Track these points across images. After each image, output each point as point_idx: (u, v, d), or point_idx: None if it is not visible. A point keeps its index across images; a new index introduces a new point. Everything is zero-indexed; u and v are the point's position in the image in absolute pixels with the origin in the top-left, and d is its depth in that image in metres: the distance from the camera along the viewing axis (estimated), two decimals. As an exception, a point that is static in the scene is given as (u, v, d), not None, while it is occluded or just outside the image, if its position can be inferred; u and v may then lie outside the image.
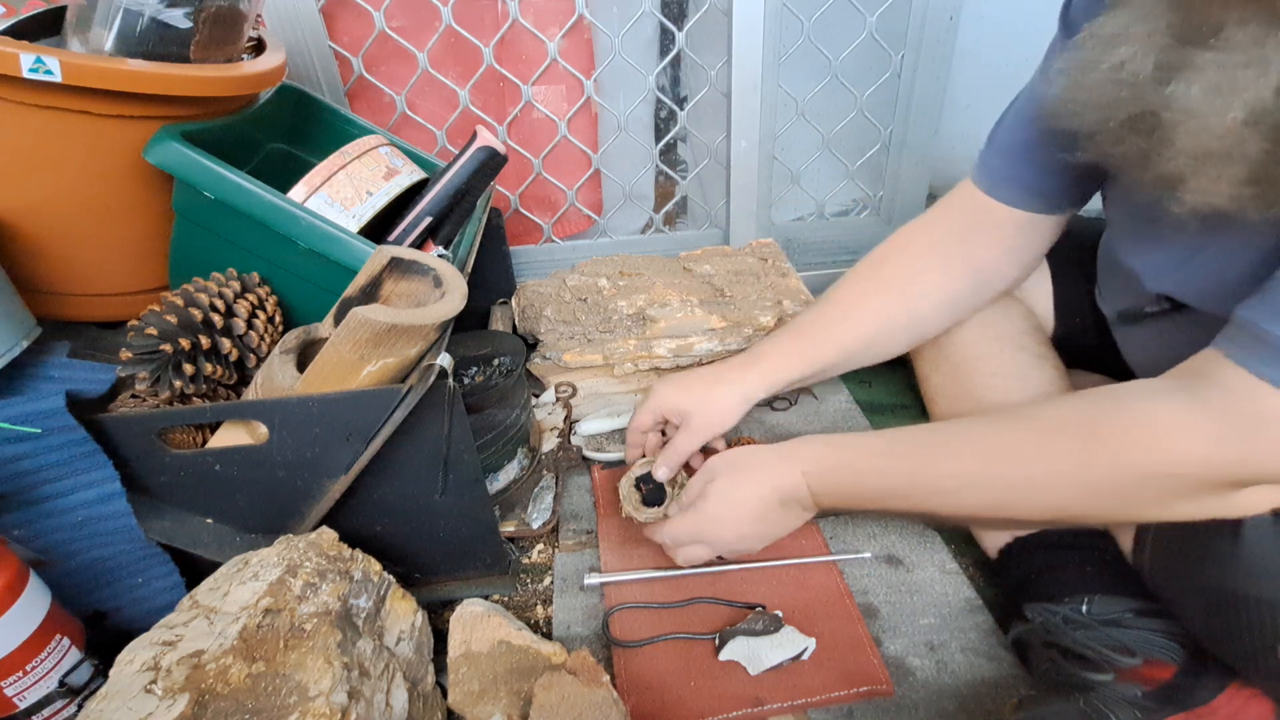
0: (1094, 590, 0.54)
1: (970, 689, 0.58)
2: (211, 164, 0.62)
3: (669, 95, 1.27)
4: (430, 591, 0.68)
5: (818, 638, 0.61)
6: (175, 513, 0.59)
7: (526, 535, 0.74)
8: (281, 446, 0.56)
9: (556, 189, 1.14)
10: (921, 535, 0.72)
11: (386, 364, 0.55)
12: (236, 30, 0.69)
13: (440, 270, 0.59)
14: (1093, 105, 0.43)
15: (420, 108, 1.05)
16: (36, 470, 0.53)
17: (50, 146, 0.61)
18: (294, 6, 0.92)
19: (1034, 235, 0.64)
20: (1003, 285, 0.68)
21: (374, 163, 0.71)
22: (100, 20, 0.61)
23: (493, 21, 1.01)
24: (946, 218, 0.67)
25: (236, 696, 0.42)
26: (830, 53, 1.05)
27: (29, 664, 0.50)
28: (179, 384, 0.57)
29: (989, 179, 0.63)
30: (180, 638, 0.46)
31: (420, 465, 0.59)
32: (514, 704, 0.53)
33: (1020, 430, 0.48)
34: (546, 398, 0.92)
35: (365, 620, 0.52)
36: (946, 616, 0.64)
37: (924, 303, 0.67)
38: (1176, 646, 0.50)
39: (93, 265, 0.69)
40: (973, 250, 0.65)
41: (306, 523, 0.59)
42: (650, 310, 0.92)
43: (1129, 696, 0.49)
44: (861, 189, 1.21)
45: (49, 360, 0.56)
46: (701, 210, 1.21)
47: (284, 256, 0.66)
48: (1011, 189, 0.62)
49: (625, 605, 0.66)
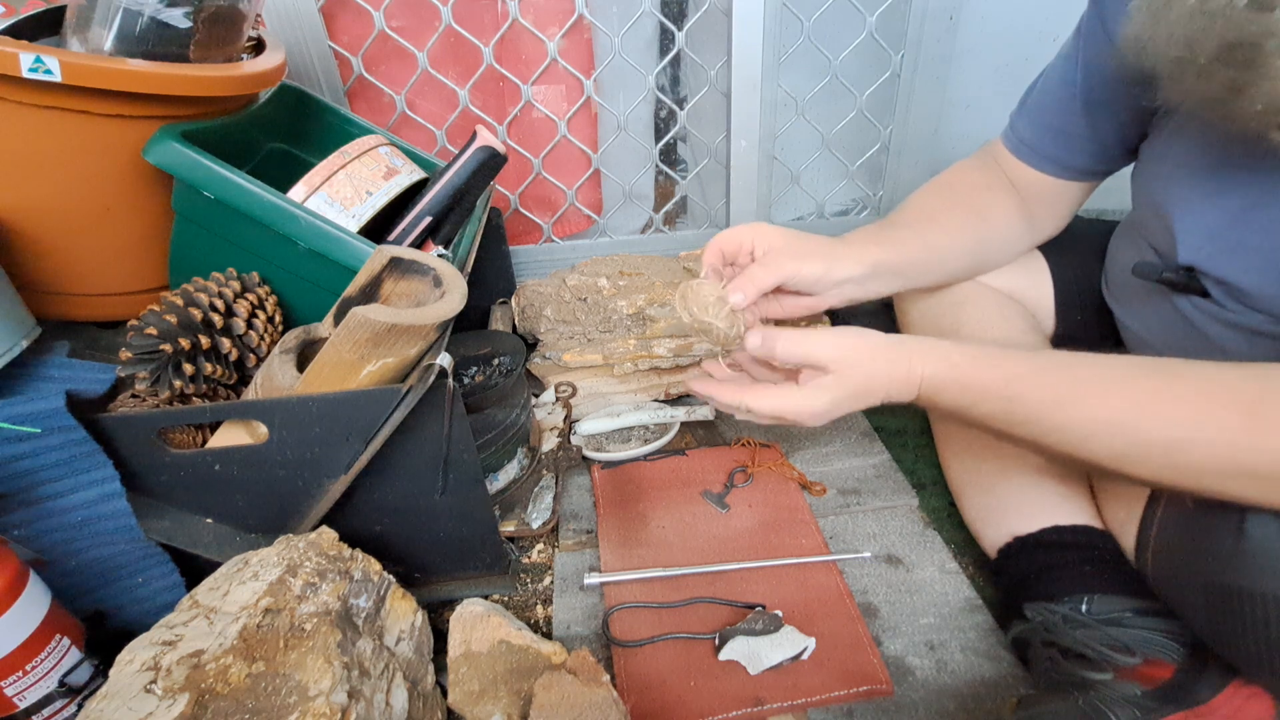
0: (1094, 589, 0.54)
1: (970, 688, 0.58)
2: (211, 164, 0.62)
3: (669, 95, 1.27)
4: (430, 591, 0.68)
5: (817, 637, 0.61)
6: (175, 513, 0.59)
7: (526, 535, 0.74)
8: (281, 446, 0.56)
9: (556, 189, 1.14)
10: (921, 535, 0.73)
11: (386, 364, 0.55)
12: (236, 30, 0.69)
13: (440, 270, 0.59)
14: (1178, 40, 0.41)
15: (420, 107, 1.05)
16: (36, 470, 0.53)
17: (50, 146, 0.61)
18: (294, 6, 0.92)
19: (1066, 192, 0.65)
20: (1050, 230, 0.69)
21: (374, 162, 0.71)
22: (100, 20, 0.61)
23: (492, 21, 1.01)
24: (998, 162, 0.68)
25: (236, 696, 0.42)
26: (830, 53, 1.05)
27: (29, 664, 0.50)
28: (179, 384, 0.57)
29: (1016, 142, 0.65)
30: (180, 638, 0.46)
31: (420, 465, 0.59)
32: (514, 704, 0.53)
33: (1177, 389, 0.44)
34: (546, 398, 0.92)
35: (365, 620, 0.52)
36: (946, 616, 0.64)
37: (993, 227, 0.67)
38: (1176, 645, 0.50)
39: (93, 265, 0.69)
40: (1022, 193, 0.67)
41: (306, 522, 0.59)
42: (650, 310, 0.92)
43: (1129, 695, 0.49)
44: (861, 189, 1.21)
45: (49, 360, 0.56)
46: (701, 210, 1.21)
47: (284, 256, 0.66)
48: (1036, 156, 0.63)
49: (625, 605, 0.66)
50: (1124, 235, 0.66)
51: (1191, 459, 0.43)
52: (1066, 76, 0.59)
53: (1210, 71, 0.40)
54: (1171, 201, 0.53)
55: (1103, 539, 0.58)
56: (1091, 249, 0.70)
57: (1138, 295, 0.61)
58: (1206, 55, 0.39)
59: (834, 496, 0.78)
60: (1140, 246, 0.60)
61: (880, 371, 0.53)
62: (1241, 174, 0.47)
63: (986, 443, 0.67)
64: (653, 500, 0.78)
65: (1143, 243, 0.59)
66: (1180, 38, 0.40)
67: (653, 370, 0.91)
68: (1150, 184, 0.57)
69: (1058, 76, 0.60)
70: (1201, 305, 0.53)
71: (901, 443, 0.86)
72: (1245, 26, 0.37)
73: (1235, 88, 0.39)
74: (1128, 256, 0.62)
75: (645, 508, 0.77)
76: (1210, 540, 0.46)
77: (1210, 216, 0.50)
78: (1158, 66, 0.43)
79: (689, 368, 0.92)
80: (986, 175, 0.67)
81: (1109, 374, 0.47)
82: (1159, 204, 0.55)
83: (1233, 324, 0.51)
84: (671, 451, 0.86)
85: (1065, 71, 0.59)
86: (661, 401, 0.94)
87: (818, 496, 0.78)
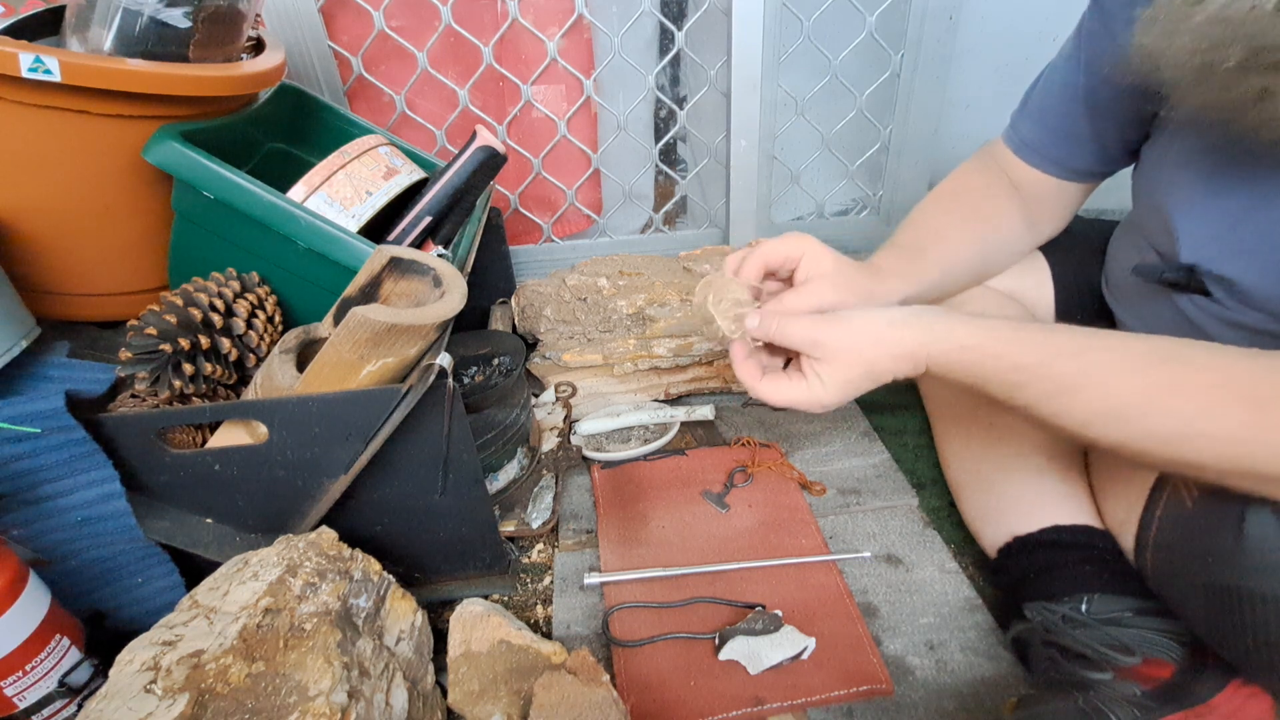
0: (1093, 589, 0.54)
1: (970, 688, 0.58)
2: (211, 164, 0.62)
3: (668, 95, 1.27)
4: (430, 591, 0.68)
5: (817, 637, 0.61)
6: (175, 513, 0.59)
7: (526, 535, 0.74)
8: (281, 446, 0.56)
9: (556, 189, 1.14)
10: (921, 535, 0.73)
11: (386, 364, 0.55)
12: (235, 30, 0.69)
13: (440, 270, 0.59)
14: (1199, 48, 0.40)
15: (420, 107, 1.05)
16: (36, 470, 0.53)
17: (50, 146, 0.61)
18: (294, 6, 0.92)
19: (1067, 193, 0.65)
20: (1050, 230, 0.69)
21: (373, 162, 0.71)
22: (99, 20, 0.61)
23: (492, 21, 1.01)
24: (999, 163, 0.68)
25: (236, 696, 0.42)
26: (830, 52, 1.05)
27: (29, 664, 0.50)
28: (179, 384, 0.57)
29: (1018, 142, 0.65)
30: (180, 637, 0.46)
31: (420, 465, 0.59)
32: (514, 704, 0.53)
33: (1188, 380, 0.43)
34: (546, 397, 0.92)
35: (365, 620, 0.52)
36: (946, 616, 0.64)
37: (999, 232, 0.67)
38: (1176, 645, 0.50)
39: (92, 265, 0.69)
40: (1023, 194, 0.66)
41: (306, 522, 0.59)
42: (650, 310, 0.92)
43: (1128, 695, 0.49)
44: (861, 188, 1.21)
45: (49, 360, 0.56)
46: (701, 210, 1.21)
47: (283, 256, 0.66)
48: (1038, 156, 0.63)
49: (625, 605, 0.66)
50: (1124, 235, 0.66)
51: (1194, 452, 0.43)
52: (1068, 78, 0.59)
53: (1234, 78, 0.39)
54: (1173, 201, 0.53)
55: (1102, 538, 0.58)
56: (1091, 249, 0.70)
57: (1138, 295, 0.61)
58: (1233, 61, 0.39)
59: (834, 496, 0.78)
60: (1141, 246, 0.60)
61: (885, 354, 0.52)
62: (1243, 174, 0.47)
63: (986, 442, 0.67)
64: (653, 500, 0.78)
65: (1143, 242, 0.59)
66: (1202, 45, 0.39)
67: (653, 370, 0.91)
68: (1151, 184, 0.57)
69: (1059, 78, 0.60)
70: (1202, 304, 0.53)
71: (901, 442, 0.86)
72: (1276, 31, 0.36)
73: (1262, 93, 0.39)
74: (1128, 256, 0.62)
75: (645, 508, 0.77)
76: (1209, 540, 0.46)
77: (1212, 216, 0.50)
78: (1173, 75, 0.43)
79: (689, 368, 0.92)
80: (988, 179, 0.67)
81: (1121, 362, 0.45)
82: (1160, 204, 0.55)
83: (1234, 323, 0.51)
84: (671, 451, 0.86)
85: (1067, 73, 0.59)
86: (661, 401, 0.94)
87: (818, 496, 0.78)
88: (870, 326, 0.52)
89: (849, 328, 0.52)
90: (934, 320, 0.51)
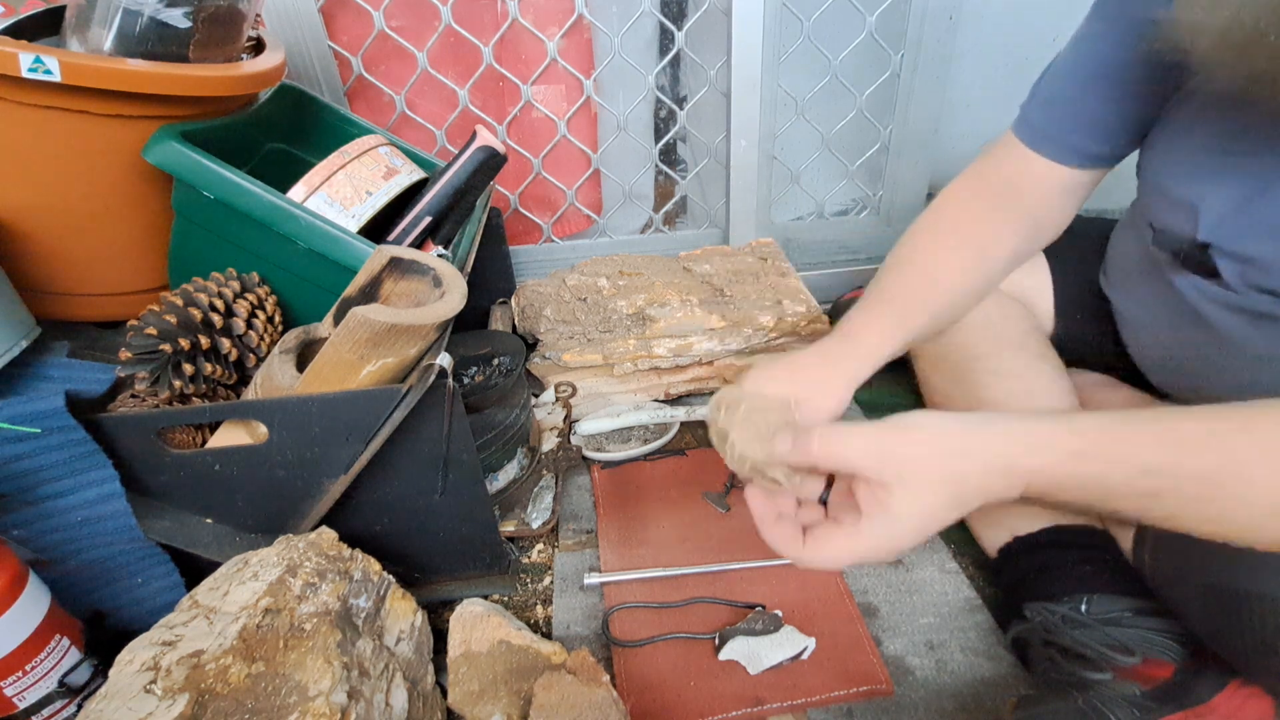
0: (1093, 589, 0.54)
1: (970, 688, 0.58)
2: (211, 164, 0.62)
3: (668, 95, 1.27)
4: (430, 591, 0.68)
5: (817, 637, 0.61)
6: (175, 513, 0.59)
7: (526, 535, 0.74)
8: (281, 446, 0.56)
9: (556, 189, 1.14)
10: (921, 535, 0.73)
11: (386, 364, 0.55)
12: (235, 30, 0.69)
13: (440, 270, 0.59)
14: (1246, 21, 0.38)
15: (420, 107, 1.05)
16: (36, 470, 0.53)
17: (50, 146, 0.61)
18: (294, 6, 0.92)
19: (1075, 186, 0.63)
20: (1052, 234, 0.67)
21: (373, 162, 0.71)
22: (99, 20, 0.61)
23: (492, 21, 1.01)
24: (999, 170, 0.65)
25: (236, 696, 0.42)
26: (830, 52, 1.05)
27: (29, 664, 0.50)
28: (179, 384, 0.57)
29: (1030, 132, 0.62)
30: (180, 638, 0.46)
31: (420, 465, 0.59)
32: (514, 704, 0.53)
33: None
34: (546, 397, 0.92)
35: (365, 620, 0.52)
36: (946, 616, 0.64)
37: (996, 257, 0.63)
38: (1175, 645, 0.51)
39: (92, 265, 0.69)
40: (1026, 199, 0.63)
41: (306, 523, 0.59)
42: (650, 310, 0.92)
43: (1128, 695, 0.49)
44: (861, 189, 1.21)
45: (49, 360, 0.56)
46: (701, 210, 1.21)
47: (283, 256, 0.66)
48: (1052, 144, 0.61)
49: (625, 605, 0.66)
50: (1127, 225, 0.66)
51: None
52: (1083, 59, 0.58)
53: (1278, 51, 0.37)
54: (1194, 179, 0.52)
55: (1102, 539, 0.58)
56: (1091, 249, 0.70)
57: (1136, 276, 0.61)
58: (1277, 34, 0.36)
59: (834, 496, 0.78)
60: (1143, 232, 0.59)
61: (975, 470, 0.41)
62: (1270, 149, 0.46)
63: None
64: (653, 500, 0.78)
65: (1146, 228, 0.58)
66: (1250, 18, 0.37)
67: (653, 370, 0.91)
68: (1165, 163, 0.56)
69: (1073, 61, 0.59)
70: (1202, 286, 0.52)
71: (901, 443, 0.86)
72: None
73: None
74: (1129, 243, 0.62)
75: (645, 508, 0.77)
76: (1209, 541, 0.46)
77: (1235, 192, 0.49)
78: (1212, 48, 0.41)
79: (689, 368, 0.92)
80: (983, 202, 0.65)
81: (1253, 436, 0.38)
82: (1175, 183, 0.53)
83: (1234, 306, 0.51)
84: (671, 451, 0.86)
85: (1082, 54, 0.58)
86: (661, 401, 0.94)
87: (817, 496, 0.78)
88: (947, 433, 0.41)
89: (921, 435, 0.42)
90: (1017, 425, 0.41)
